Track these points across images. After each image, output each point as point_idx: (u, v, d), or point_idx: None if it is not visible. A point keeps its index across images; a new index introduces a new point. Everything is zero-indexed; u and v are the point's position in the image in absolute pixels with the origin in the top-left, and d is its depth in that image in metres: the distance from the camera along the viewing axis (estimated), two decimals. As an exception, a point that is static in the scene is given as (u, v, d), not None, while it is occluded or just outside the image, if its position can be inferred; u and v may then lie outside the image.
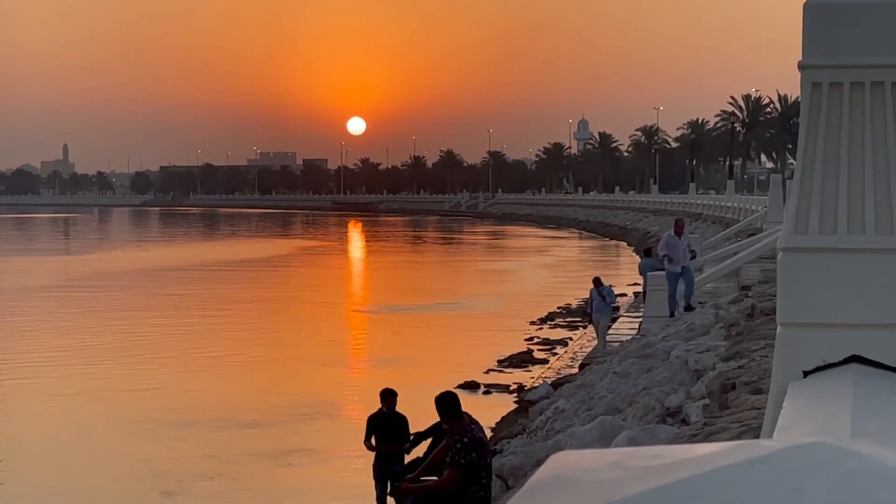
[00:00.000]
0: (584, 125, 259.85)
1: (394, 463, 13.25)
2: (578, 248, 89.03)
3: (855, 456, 1.28)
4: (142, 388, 26.08)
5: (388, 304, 44.02)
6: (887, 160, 4.96)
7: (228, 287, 53.45)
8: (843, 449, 1.31)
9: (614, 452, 1.40)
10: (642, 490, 1.27)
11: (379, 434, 13.63)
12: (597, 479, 1.31)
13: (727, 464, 1.28)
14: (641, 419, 13.45)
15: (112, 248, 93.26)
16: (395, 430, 13.52)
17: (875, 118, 4.98)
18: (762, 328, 15.75)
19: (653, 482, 1.28)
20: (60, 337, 34.78)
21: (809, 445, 1.29)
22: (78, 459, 19.85)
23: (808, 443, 1.30)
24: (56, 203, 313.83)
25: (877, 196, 4.95)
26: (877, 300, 4.92)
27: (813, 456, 1.28)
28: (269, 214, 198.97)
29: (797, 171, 5.09)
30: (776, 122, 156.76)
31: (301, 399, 24.44)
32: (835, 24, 5.00)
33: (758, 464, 1.27)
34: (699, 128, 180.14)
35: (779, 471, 1.25)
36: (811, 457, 1.28)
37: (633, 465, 1.32)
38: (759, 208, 54.81)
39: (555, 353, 30.07)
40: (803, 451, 1.28)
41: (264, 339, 34.47)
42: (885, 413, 4.23)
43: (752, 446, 1.32)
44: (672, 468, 1.29)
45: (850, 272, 4.96)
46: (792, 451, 1.28)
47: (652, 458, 1.33)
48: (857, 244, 4.95)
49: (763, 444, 1.32)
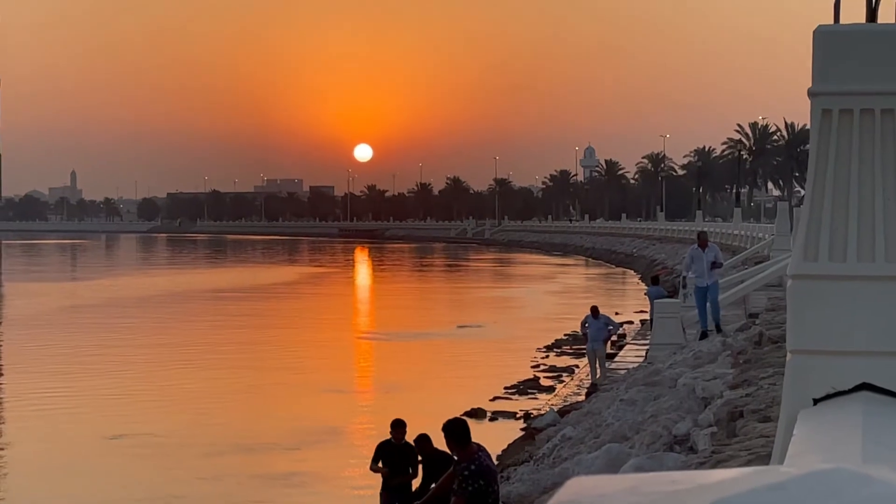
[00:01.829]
0: (591, 152, 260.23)
1: (401, 492, 13.22)
2: (585, 275, 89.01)
3: (872, 482, 1.27)
4: (146, 411, 26.06)
5: (393, 330, 43.99)
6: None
7: (235, 313, 53.45)
8: (861, 474, 1.30)
9: (631, 478, 1.39)
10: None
11: (386, 464, 13.59)
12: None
13: (746, 489, 1.27)
14: (649, 447, 13.41)
15: (120, 274, 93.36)
16: (402, 460, 13.48)
17: (885, 145, 4.97)
18: (770, 356, 15.72)
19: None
20: (67, 362, 34.77)
21: (828, 471, 1.28)
22: (82, 482, 19.80)
23: (827, 468, 1.30)
24: (64, 229, 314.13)
25: (887, 223, 4.94)
26: (887, 328, 4.90)
27: (831, 481, 1.28)
28: (276, 241, 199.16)
29: (807, 199, 5.09)
30: (783, 150, 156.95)
31: (306, 424, 24.40)
32: (844, 51, 5.00)
33: (776, 489, 1.26)
34: (706, 155, 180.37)
35: (797, 496, 1.25)
36: (829, 482, 1.27)
37: (651, 490, 1.32)
38: (766, 236, 54.75)
39: (561, 380, 30.01)
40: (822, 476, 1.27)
41: (270, 365, 34.43)
42: (894, 441, 4.21)
43: (769, 472, 1.31)
44: (689, 494, 1.28)
45: (860, 299, 4.94)
46: (810, 477, 1.27)
47: (669, 483, 1.32)
48: (867, 271, 4.93)
49: (781, 469, 1.32)
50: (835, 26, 5.12)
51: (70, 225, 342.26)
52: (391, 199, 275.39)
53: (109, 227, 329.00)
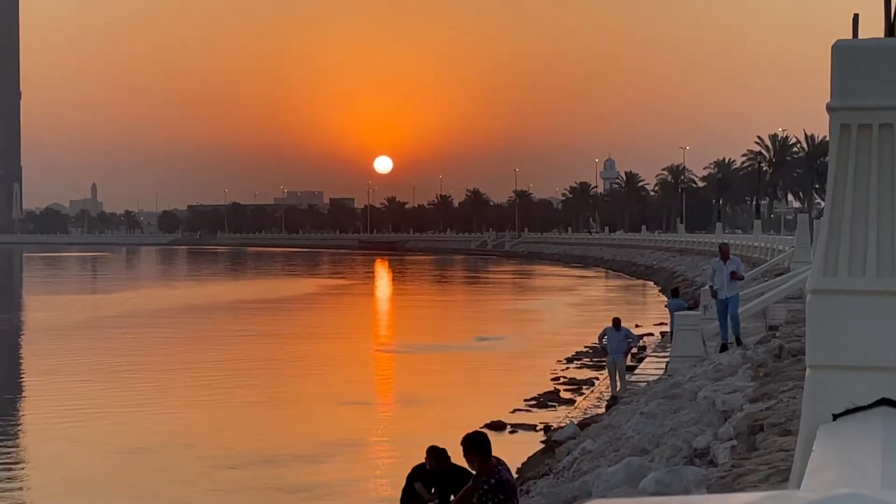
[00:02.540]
0: (611, 164, 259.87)
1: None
2: (605, 287, 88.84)
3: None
4: (166, 422, 26.11)
5: (413, 342, 43.98)
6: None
7: (255, 325, 53.51)
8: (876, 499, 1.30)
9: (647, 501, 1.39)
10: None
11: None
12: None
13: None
14: (669, 460, 13.37)
15: (141, 286, 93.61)
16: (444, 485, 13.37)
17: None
18: (790, 369, 15.66)
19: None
20: (88, 373, 34.87)
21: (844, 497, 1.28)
22: (102, 493, 19.84)
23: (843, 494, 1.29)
24: (84, 242, 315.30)
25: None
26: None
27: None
28: (296, 253, 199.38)
29: (826, 213, 5.07)
30: (803, 162, 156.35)
31: (326, 437, 24.40)
32: (863, 65, 4.99)
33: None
34: (726, 167, 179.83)
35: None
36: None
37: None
38: (787, 248, 54.58)
39: (581, 392, 29.95)
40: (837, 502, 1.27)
41: (289, 377, 34.47)
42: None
43: (785, 497, 1.31)
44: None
45: (879, 314, 4.93)
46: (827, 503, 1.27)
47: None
48: (887, 286, 4.92)
49: (798, 494, 1.31)
50: (854, 41, 5.11)
51: (91, 237, 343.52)
52: (411, 211, 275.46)
53: (130, 240, 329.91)
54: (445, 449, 13.35)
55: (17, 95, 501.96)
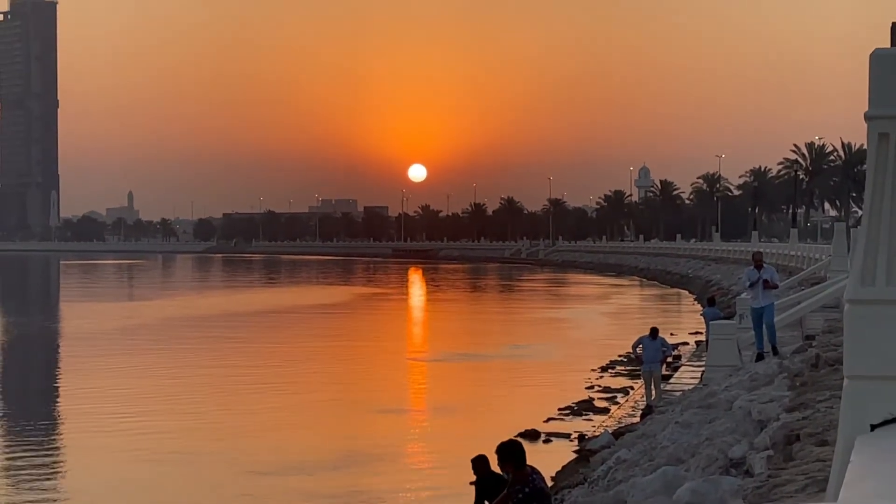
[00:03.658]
0: (646, 173, 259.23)
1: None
2: (639, 295, 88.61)
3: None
4: (199, 428, 26.22)
5: (447, 351, 44.00)
6: (955, 212, 4.91)
7: (290, 333, 53.71)
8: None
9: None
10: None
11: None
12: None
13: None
14: (704, 470, 13.31)
15: (178, 294, 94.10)
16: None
17: (942, 169, 4.93)
18: (827, 379, 15.56)
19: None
20: (123, 379, 35.07)
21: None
22: (136, 498, 19.94)
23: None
24: (121, 249, 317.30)
25: (945, 248, 4.89)
26: (946, 353, 4.85)
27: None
28: (331, 261, 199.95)
29: (863, 223, 5.05)
30: (840, 170, 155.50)
31: (360, 444, 24.44)
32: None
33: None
34: (762, 175, 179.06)
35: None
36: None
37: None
38: (823, 257, 54.29)
39: (616, 401, 29.87)
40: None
41: (323, 385, 34.55)
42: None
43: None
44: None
45: (918, 325, 4.90)
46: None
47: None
48: (925, 296, 4.89)
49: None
50: (891, 50, 5.09)
51: (127, 245, 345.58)
52: (445, 219, 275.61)
53: (166, 248, 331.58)
54: (486, 455, 13.32)
55: (54, 104, 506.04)
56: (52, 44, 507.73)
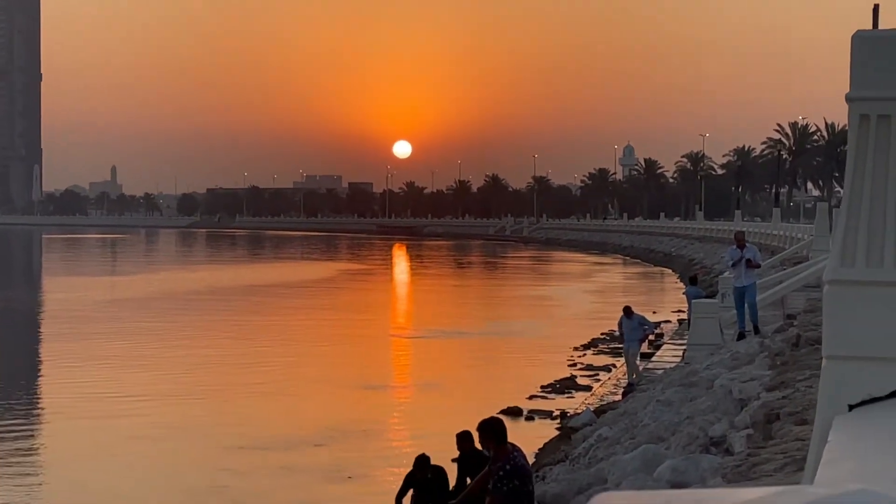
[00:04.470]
0: (630, 151, 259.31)
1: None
2: (623, 274, 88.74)
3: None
4: (180, 405, 26.22)
5: (431, 328, 44.02)
6: (935, 194, 4.93)
7: (273, 309, 53.67)
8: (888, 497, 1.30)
9: (659, 494, 1.40)
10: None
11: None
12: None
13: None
14: (685, 448, 13.37)
15: (161, 269, 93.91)
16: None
17: (923, 151, 4.95)
18: (807, 358, 15.63)
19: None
20: (105, 355, 35.02)
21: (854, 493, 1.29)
22: (114, 474, 19.94)
23: (853, 490, 1.30)
24: (104, 224, 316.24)
25: (924, 229, 4.91)
26: (924, 334, 4.88)
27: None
28: (315, 237, 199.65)
29: (844, 204, 5.07)
30: (823, 150, 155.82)
31: (341, 420, 24.46)
32: (883, 56, 4.98)
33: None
34: (745, 155, 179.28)
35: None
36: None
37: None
38: (805, 236, 54.45)
39: (598, 379, 29.95)
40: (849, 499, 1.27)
41: (307, 362, 34.55)
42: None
43: (796, 492, 1.32)
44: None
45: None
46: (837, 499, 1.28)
47: (696, 502, 1.33)
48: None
49: (808, 490, 1.32)
50: (873, 31, 5.09)
51: (110, 219, 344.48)
52: (430, 195, 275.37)
53: (149, 222, 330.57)
54: (470, 431, 13.34)
55: (37, 78, 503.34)
56: (35, 17, 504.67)
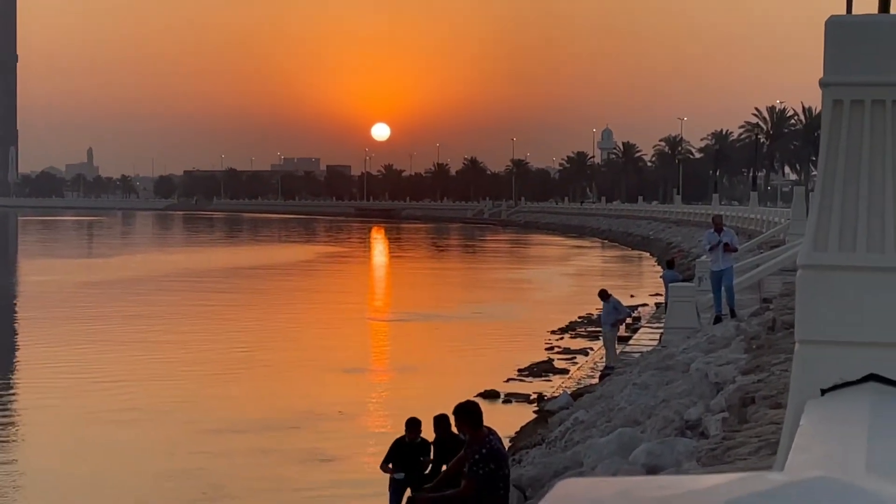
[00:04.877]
0: (608, 135, 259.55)
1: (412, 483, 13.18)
2: (601, 257, 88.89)
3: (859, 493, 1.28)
4: (158, 388, 26.16)
5: (408, 311, 44.04)
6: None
7: (250, 291, 53.57)
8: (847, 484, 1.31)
9: (621, 482, 1.40)
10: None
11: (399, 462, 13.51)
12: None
13: (731, 497, 1.28)
14: (660, 432, 13.41)
15: (137, 251, 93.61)
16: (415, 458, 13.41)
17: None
18: (783, 342, 15.69)
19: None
20: (81, 338, 34.90)
21: (814, 480, 1.29)
22: (92, 458, 19.90)
23: (813, 477, 1.30)
24: (80, 206, 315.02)
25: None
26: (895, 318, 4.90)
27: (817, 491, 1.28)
28: (293, 220, 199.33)
29: (817, 189, 5.08)
30: (800, 134, 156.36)
31: (319, 403, 24.45)
32: (856, 41, 4.98)
33: (762, 498, 1.27)
34: (723, 139, 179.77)
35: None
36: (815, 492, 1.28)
37: (639, 495, 1.32)
38: (782, 220, 54.62)
39: (575, 362, 30.03)
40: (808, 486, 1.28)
41: (283, 344, 34.51)
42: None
43: (758, 479, 1.32)
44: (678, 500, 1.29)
45: (869, 290, 4.94)
46: (796, 486, 1.28)
47: (658, 489, 1.33)
48: (877, 262, 4.92)
49: (769, 477, 1.33)
50: (847, 16, 5.10)
51: (86, 201, 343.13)
52: (408, 178, 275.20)
53: (126, 204, 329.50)
54: (447, 415, 13.38)
55: (13, 58, 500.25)
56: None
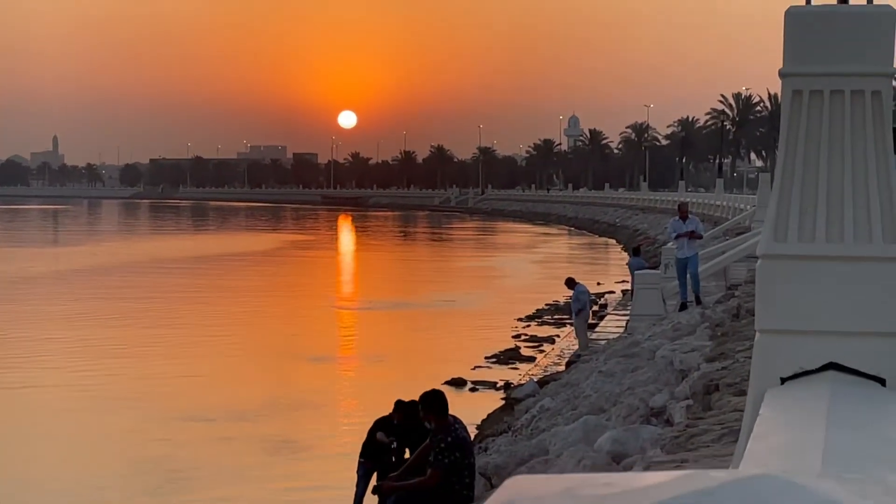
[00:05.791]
0: (575, 122, 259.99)
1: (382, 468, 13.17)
2: (567, 244, 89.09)
3: (801, 491, 1.29)
4: (127, 378, 26.05)
5: (375, 299, 44.02)
6: (866, 169, 4.98)
7: (215, 281, 53.38)
8: (790, 482, 1.32)
9: (569, 479, 1.41)
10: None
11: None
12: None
13: (674, 495, 1.29)
14: (625, 419, 13.47)
15: (104, 240, 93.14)
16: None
17: (854, 127, 4.99)
18: (747, 329, 15.77)
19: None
20: (50, 328, 34.73)
21: (757, 478, 1.30)
22: (60, 449, 19.82)
23: (755, 475, 1.31)
24: (45, 195, 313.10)
25: (855, 205, 4.96)
26: (854, 308, 4.94)
27: (760, 490, 1.30)
28: (259, 208, 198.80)
29: (777, 179, 5.11)
30: (766, 121, 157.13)
31: (286, 392, 24.43)
32: (815, 32, 5.01)
33: (704, 496, 1.28)
34: (689, 126, 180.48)
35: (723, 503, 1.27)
36: (757, 491, 1.29)
37: (585, 493, 1.33)
38: (748, 207, 54.89)
39: (542, 350, 30.09)
40: (750, 484, 1.29)
41: (249, 334, 34.44)
42: (859, 421, 4.25)
43: (699, 477, 1.33)
44: (621, 498, 1.30)
45: (828, 280, 4.97)
46: (738, 485, 1.29)
47: (603, 486, 1.34)
48: (836, 252, 4.96)
49: (712, 475, 1.34)
50: (806, 7, 5.12)
51: (52, 190, 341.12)
52: (375, 166, 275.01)
53: (92, 193, 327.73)
54: (403, 401, 13.39)
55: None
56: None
